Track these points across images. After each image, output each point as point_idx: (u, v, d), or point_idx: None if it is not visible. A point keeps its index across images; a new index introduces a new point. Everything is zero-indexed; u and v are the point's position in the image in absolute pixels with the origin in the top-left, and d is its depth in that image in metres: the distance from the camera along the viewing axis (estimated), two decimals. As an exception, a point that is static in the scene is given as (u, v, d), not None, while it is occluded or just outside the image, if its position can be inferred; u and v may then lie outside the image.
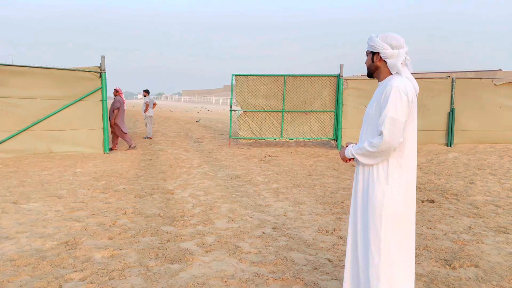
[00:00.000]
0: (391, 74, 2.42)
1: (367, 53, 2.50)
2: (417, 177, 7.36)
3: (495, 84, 11.58)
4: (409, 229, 2.35)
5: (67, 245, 3.88)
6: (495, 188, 6.46)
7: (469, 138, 11.69)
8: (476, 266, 3.47)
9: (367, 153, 2.33)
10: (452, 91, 11.40)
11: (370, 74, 2.53)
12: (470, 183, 6.85)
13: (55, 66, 9.50)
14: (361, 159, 2.38)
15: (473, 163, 8.94)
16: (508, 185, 6.70)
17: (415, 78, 2.43)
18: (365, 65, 2.53)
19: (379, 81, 2.49)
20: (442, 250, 3.84)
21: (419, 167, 8.45)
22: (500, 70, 40.54)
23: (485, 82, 11.65)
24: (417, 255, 3.69)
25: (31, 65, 9.18)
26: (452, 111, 11.46)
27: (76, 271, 3.29)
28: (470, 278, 3.24)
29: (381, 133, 2.26)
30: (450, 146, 11.45)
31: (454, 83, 11.36)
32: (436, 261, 3.56)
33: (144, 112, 13.71)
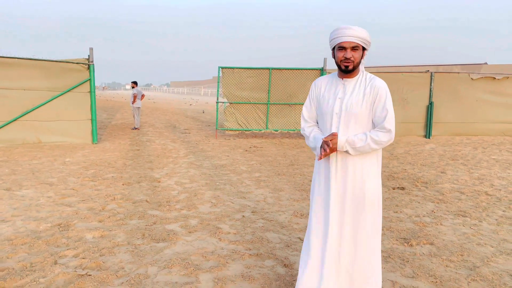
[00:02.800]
0: (359, 70, 2.43)
1: (357, 48, 2.32)
2: (393, 167, 7.78)
3: (472, 79, 12.06)
4: None
5: (60, 227, 4.18)
6: (463, 177, 6.90)
7: (447, 130, 12.18)
8: (431, 244, 3.87)
9: (364, 149, 2.33)
10: (431, 85, 11.85)
11: (351, 71, 2.37)
12: (441, 173, 7.29)
13: (43, 58, 9.67)
14: (354, 152, 2.35)
15: (448, 154, 9.40)
16: (477, 174, 7.15)
17: (396, 72, 2.58)
18: (353, 61, 2.32)
19: (348, 78, 2.42)
20: (404, 230, 4.24)
21: (396, 157, 8.88)
22: (486, 63, 41.42)
23: (463, 77, 12.12)
24: (380, 235, 4.08)
25: (20, 56, 9.34)
26: (430, 104, 11.92)
27: (70, 248, 3.61)
28: (424, 253, 3.64)
29: (383, 129, 2.31)
30: (429, 137, 11.93)
31: (433, 77, 11.80)
32: (396, 240, 3.96)
33: (132, 103, 13.92)
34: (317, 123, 2.63)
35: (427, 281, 3.10)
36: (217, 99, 12.24)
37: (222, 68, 11.62)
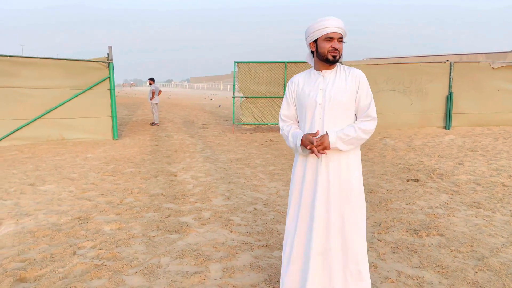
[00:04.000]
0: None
1: (341, 40, 2.38)
2: (409, 159, 7.73)
3: (492, 68, 11.77)
4: None
5: (80, 220, 4.37)
6: (481, 168, 6.80)
7: (467, 121, 11.95)
8: (441, 235, 3.88)
9: (356, 142, 2.36)
10: (450, 75, 11.63)
11: (337, 61, 2.39)
12: (459, 164, 7.20)
13: (65, 57, 9.97)
14: (346, 147, 2.37)
15: (467, 145, 9.25)
16: (495, 165, 7.03)
17: (414, 63, 2.57)
18: (339, 52, 2.36)
19: (327, 69, 2.44)
20: (414, 222, 4.25)
21: (413, 149, 8.80)
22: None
23: (483, 66, 11.85)
24: (389, 226, 4.11)
25: (42, 56, 9.66)
26: (450, 94, 11.71)
27: (88, 240, 3.78)
28: (433, 244, 3.65)
29: (369, 117, 2.37)
30: (448, 129, 11.73)
31: (452, 67, 11.58)
32: (406, 231, 3.98)
33: (150, 100, 14.20)
34: (297, 121, 2.60)
35: (434, 271, 3.13)
36: (233, 93, 12.35)
37: (238, 63, 11.71)
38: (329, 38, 2.34)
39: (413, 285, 2.92)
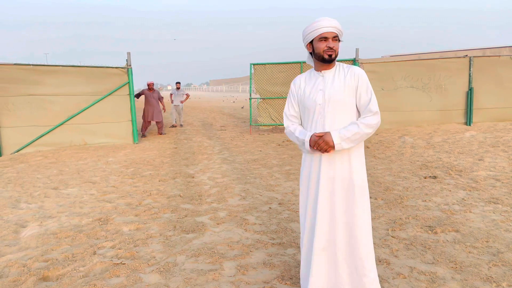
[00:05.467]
0: (335, 62, 2.50)
1: (336, 39, 2.42)
2: (427, 156, 7.64)
3: (514, 61, 11.48)
4: None
5: (100, 221, 4.52)
6: (501, 164, 6.67)
7: (488, 116, 11.69)
8: (457, 231, 3.85)
9: (360, 137, 2.39)
10: (470, 70, 11.41)
11: (333, 60, 2.44)
12: (479, 160, 7.07)
13: (86, 64, 10.27)
14: (350, 145, 2.40)
15: (488, 140, 9.07)
16: (517, 160, 6.88)
17: (432, 58, 2.58)
18: (335, 50, 2.41)
19: (326, 69, 2.49)
20: (430, 218, 4.22)
21: (432, 146, 8.69)
22: (536, 44, 38.86)
23: (504, 60, 11.57)
24: (404, 223, 4.11)
25: (64, 64, 9.97)
26: (470, 90, 11.49)
27: (107, 240, 3.92)
28: (447, 240, 3.63)
29: (370, 112, 2.39)
30: (469, 125, 11.50)
31: (471, 62, 11.36)
32: (421, 228, 3.97)
33: (181, 102, 14.73)
34: (301, 123, 2.66)
35: (447, 266, 3.12)
36: (250, 95, 12.44)
37: (254, 64, 11.79)
38: (323, 38, 2.40)
39: (425, 280, 2.93)
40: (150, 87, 12.28)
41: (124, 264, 3.38)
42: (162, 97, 12.75)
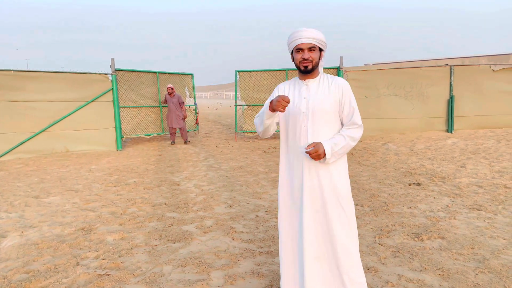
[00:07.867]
0: (319, 71, 2.51)
1: (314, 48, 2.41)
2: (411, 163, 7.74)
3: (493, 70, 11.78)
4: None
5: (83, 230, 4.42)
6: (483, 171, 6.79)
7: (469, 123, 11.93)
8: (443, 238, 3.88)
9: (346, 150, 2.40)
10: (451, 78, 11.65)
11: (311, 71, 2.44)
12: (461, 167, 7.20)
13: (68, 70, 10.10)
14: (336, 158, 2.40)
15: (469, 147, 9.24)
16: (497, 167, 7.02)
17: (414, 67, 2.63)
18: (311, 61, 2.41)
19: (310, 78, 2.49)
20: (416, 225, 4.26)
21: (415, 153, 8.81)
22: (513, 53, 40.00)
23: (483, 68, 11.85)
24: (391, 230, 4.13)
25: (46, 70, 9.79)
26: (451, 98, 11.72)
27: (91, 251, 3.83)
28: (434, 247, 3.66)
29: (355, 125, 2.42)
30: (451, 132, 11.72)
31: (452, 70, 11.60)
32: (407, 235, 4.00)
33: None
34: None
35: (434, 274, 3.14)
36: (235, 102, 12.43)
37: (239, 71, 11.81)
38: (299, 49, 2.41)
39: (413, 288, 2.94)
40: (169, 91, 11.66)
41: (108, 275, 3.30)
42: (183, 102, 11.89)
